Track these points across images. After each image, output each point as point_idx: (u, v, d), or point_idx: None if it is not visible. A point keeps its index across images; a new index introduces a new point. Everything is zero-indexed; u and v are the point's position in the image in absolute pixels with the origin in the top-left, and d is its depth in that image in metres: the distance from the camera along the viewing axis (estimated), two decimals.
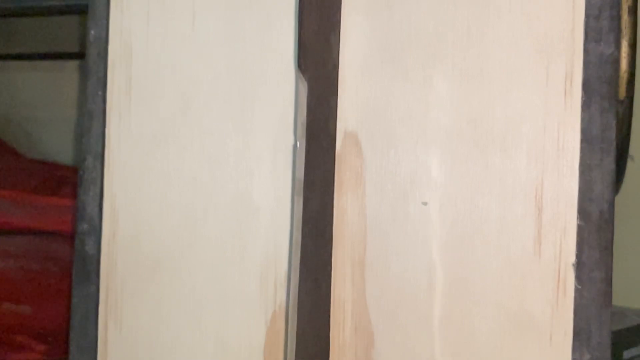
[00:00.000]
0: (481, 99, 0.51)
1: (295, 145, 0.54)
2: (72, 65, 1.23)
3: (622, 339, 0.72)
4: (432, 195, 0.52)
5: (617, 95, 0.51)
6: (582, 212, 0.49)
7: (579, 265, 0.49)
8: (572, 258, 0.49)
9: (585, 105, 0.49)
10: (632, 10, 0.57)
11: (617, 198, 0.51)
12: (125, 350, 0.60)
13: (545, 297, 0.50)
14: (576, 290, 0.49)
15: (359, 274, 0.54)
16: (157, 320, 0.59)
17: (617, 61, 0.50)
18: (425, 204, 0.52)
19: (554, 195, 0.50)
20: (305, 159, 0.51)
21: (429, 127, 0.53)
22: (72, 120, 1.20)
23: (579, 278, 0.49)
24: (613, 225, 0.49)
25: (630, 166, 0.61)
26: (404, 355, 0.53)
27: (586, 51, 0.49)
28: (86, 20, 0.62)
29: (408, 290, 0.53)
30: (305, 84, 0.51)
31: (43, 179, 1.01)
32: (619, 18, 0.50)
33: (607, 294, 0.49)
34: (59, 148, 1.22)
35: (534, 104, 0.50)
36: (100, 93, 0.61)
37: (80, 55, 1.14)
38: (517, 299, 0.50)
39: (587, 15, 0.50)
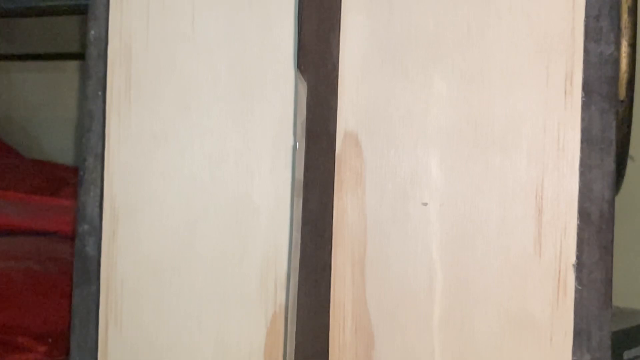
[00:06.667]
0: (481, 99, 0.51)
1: (295, 146, 0.54)
2: (73, 65, 1.23)
3: (622, 340, 0.72)
4: (432, 195, 0.52)
5: (617, 96, 0.51)
6: (582, 213, 0.49)
7: (579, 266, 0.49)
8: (572, 258, 0.49)
9: (585, 105, 0.49)
10: (632, 10, 0.57)
11: (617, 198, 0.51)
12: (125, 350, 0.60)
13: (546, 298, 0.50)
14: (576, 291, 0.49)
15: (359, 274, 0.54)
16: (157, 320, 0.59)
17: (617, 61, 0.50)
18: (425, 204, 0.52)
19: (554, 196, 0.50)
20: (305, 159, 0.51)
21: (429, 127, 0.53)
22: (73, 120, 1.20)
23: (579, 278, 0.49)
24: (613, 225, 0.49)
25: (630, 166, 0.61)
26: (404, 356, 0.53)
27: (586, 51, 0.49)
28: (86, 21, 0.62)
29: (408, 290, 0.53)
30: (305, 84, 0.51)
31: (43, 180, 1.01)
32: (619, 18, 0.50)
33: (607, 294, 0.49)
34: (59, 148, 1.22)
35: (534, 104, 0.50)
36: (100, 93, 0.61)
37: (80, 56, 1.14)
38: (517, 300, 0.50)
39: (587, 15, 0.49)
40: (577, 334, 0.49)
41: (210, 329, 0.57)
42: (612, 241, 0.49)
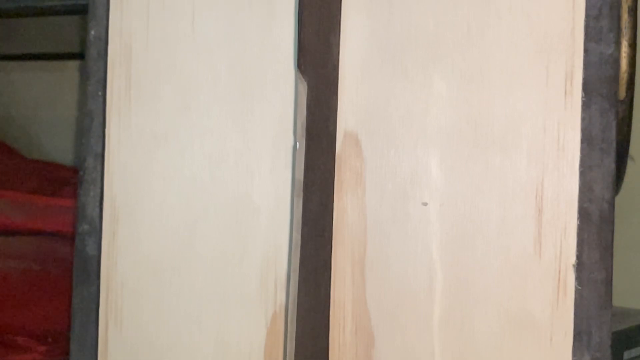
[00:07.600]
0: (481, 99, 0.51)
1: (295, 146, 0.54)
2: (73, 65, 1.23)
3: (622, 340, 0.72)
4: (432, 195, 0.52)
5: (617, 95, 0.51)
6: (582, 212, 0.49)
7: (579, 266, 0.49)
8: (573, 258, 0.49)
9: (585, 105, 0.49)
10: (632, 10, 0.57)
11: (617, 198, 0.51)
12: (125, 350, 0.60)
13: (546, 298, 0.50)
14: (576, 291, 0.49)
15: (359, 274, 0.54)
16: (157, 320, 0.59)
17: (617, 61, 0.50)
18: (425, 204, 0.52)
19: (554, 196, 0.50)
20: (305, 159, 0.51)
21: (429, 127, 0.53)
22: (73, 120, 1.20)
23: (579, 279, 0.49)
24: (613, 225, 0.49)
25: (630, 166, 0.61)
26: (404, 356, 0.53)
27: (586, 51, 0.49)
28: (86, 21, 0.62)
29: (408, 290, 0.53)
30: (305, 84, 0.51)
31: (43, 180, 1.01)
32: (619, 18, 0.50)
33: (608, 294, 0.49)
34: (59, 148, 1.22)
35: (534, 104, 0.50)
36: (100, 93, 0.61)
37: (80, 56, 1.14)
38: (517, 300, 0.50)
39: (587, 15, 0.50)
40: (577, 334, 0.49)
41: (210, 329, 0.57)
42: (612, 241, 0.49)
